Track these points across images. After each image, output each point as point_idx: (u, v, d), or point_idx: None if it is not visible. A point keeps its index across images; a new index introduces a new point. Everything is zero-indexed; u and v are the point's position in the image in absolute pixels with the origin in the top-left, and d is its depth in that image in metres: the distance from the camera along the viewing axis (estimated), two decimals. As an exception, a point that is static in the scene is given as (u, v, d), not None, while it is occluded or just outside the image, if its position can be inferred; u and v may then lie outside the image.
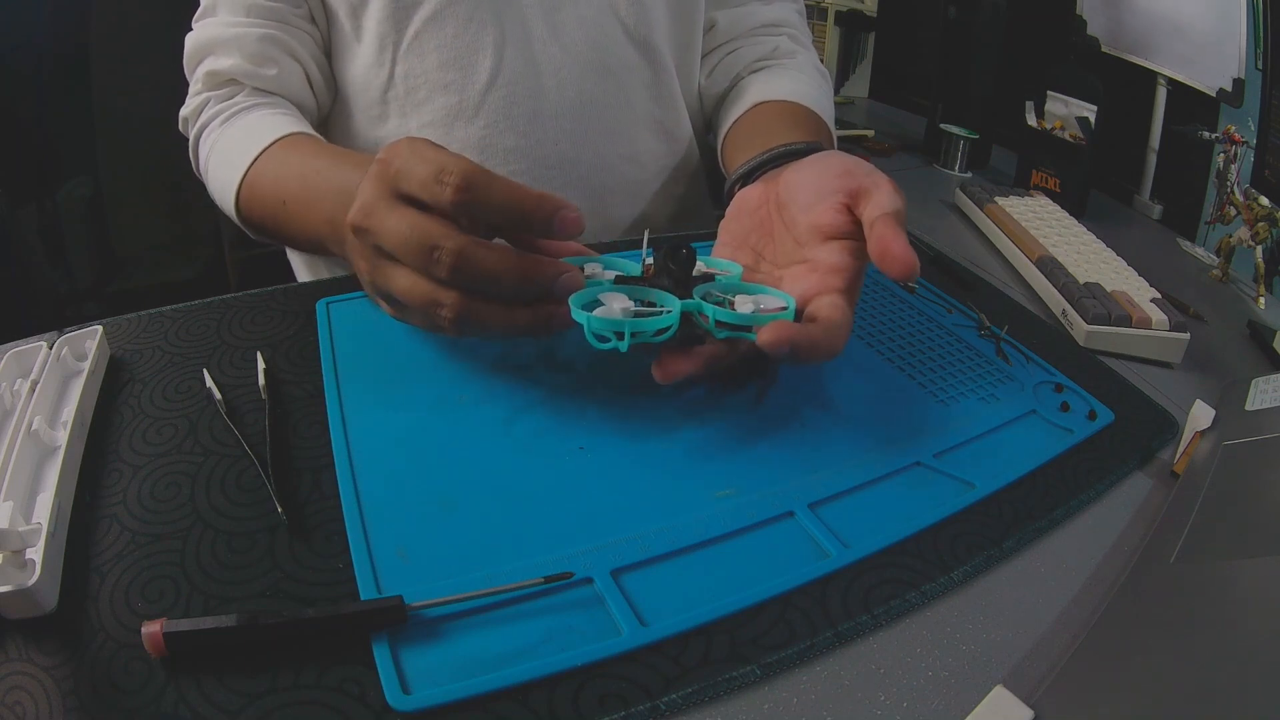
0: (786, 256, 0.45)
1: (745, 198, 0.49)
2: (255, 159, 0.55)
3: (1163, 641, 0.32)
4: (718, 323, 0.38)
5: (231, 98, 0.60)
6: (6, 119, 1.22)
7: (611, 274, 0.43)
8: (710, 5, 0.70)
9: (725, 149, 0.67)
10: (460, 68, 0.61)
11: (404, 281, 0.38)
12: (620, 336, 0.37)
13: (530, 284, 0.37)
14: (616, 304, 0.38)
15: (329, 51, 0.64)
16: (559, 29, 0.63)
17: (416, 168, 0.37)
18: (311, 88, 0.63)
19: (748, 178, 0.54)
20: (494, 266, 0.36)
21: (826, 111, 0.65)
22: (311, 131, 0.58)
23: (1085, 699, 0.30)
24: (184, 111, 0.62)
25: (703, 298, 0.40)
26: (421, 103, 0.62)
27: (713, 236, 0.50)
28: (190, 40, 0.61)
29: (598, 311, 0.38)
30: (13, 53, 1.19)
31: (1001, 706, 0.30)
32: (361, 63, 0.62)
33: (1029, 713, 0.30)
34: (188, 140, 0.63)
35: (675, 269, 0.41)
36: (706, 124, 0.76)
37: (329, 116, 0.67)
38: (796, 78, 0.68)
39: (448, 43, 0.60)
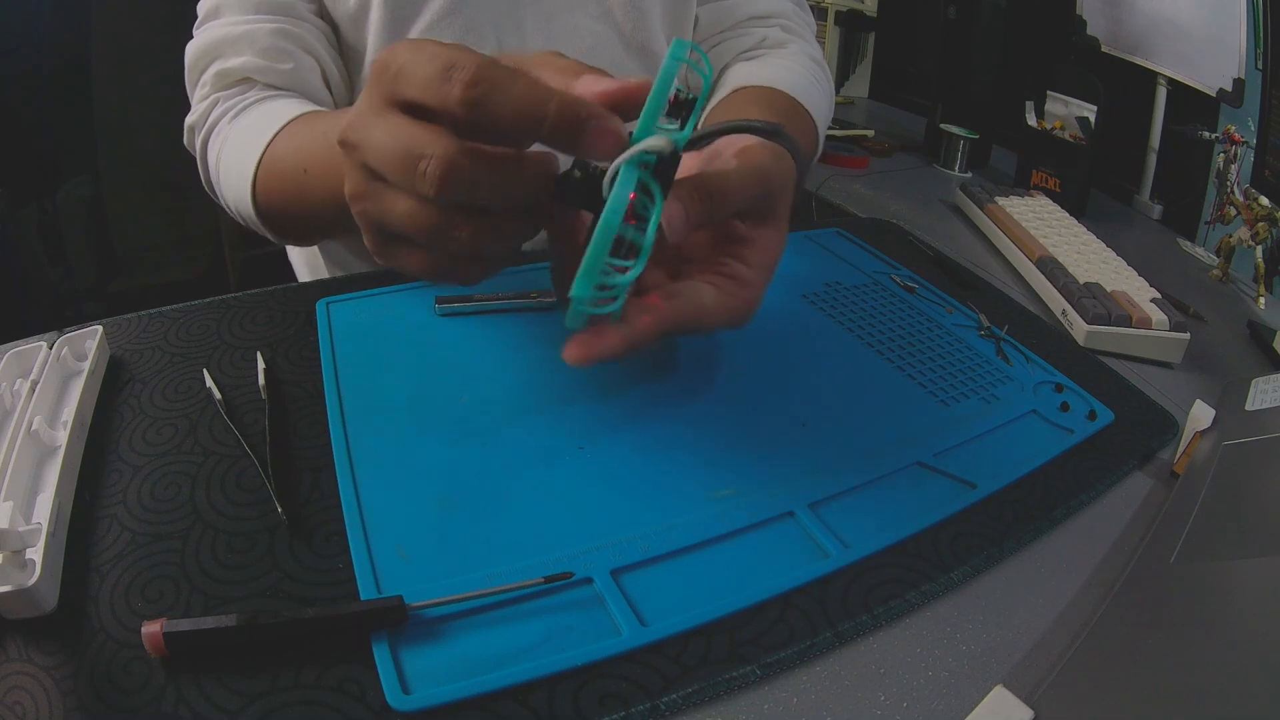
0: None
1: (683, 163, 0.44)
2: (272, 138, 0.51)
3: (1163, 641, 0.32)
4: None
5: (243, 94, 0.56)
6: (6, 119, 1.22)
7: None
8: (696, 1, 0.68)
9: None
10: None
11: (401, 206, 0.31)
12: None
13: (540, 181, 0.31)
14: None
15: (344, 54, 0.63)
16: (554, 39, 0.62)
17: (419, 66, 0.30)
18: (328, 85, 0.60)
19: (691, 145, 0.52)
20: (492, 176, 0.30)
21: (810, 96, 0.61)
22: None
23: (1085, 699, 0.30)
24: (189, 119, 0.58)
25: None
26: None
27: None
28: (192, 47, 0.58)
29: None
30: (13, 53, 1.19)
31: (1001, 706, 0.30)
32: (362, 74, 0.61)
33: (1029, 713, 0.30)
34: (194, 152, 0.59)
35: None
36: None
37: None
38: (782, 64, 0.64)
39: None
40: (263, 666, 0.29)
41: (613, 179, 0.31)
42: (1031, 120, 0.94)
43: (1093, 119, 0.88)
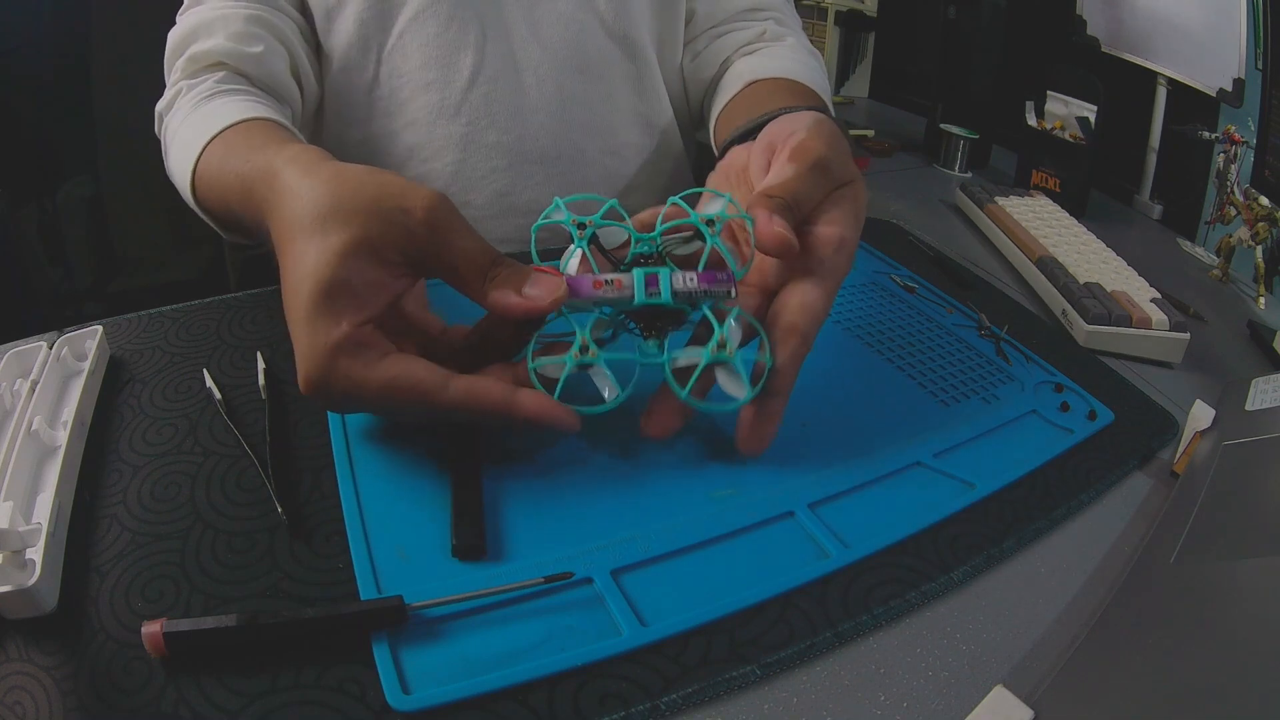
0: None
1: (735, 154, 0.47)
2: (231, 125, 0.50)
3: (1163, 641, 0.32)
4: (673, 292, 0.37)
5: (217, 74, 0.56)
6: (6, 119, 1.22)
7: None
8: None
9: (718, 128, 0.65)
10: (442, 66, 0.62)
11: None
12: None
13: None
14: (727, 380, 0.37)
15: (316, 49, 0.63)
16: (538, 26, 0.63)
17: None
18: (296, 78, 0.61)
19: (744, 138, 0.52)
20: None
21: (822, 89, 0.63)
22: (277, 117, 0.52)
23: (1085, 699, 0.30)
24: (159, 105, 0.58)
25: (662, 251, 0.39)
26: (405, 102, 0.63)
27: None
28: (173, 34, 0.59)
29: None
30: (13, 53, 1.19)
31: (1001, 706, 0.30)
32: (339, 65, 0.62)
33: (1029, 713, 0.30)
34: (160, 137, 0.58)
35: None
36: (692, 113, 0.75)
37: (311, 119, 0.66)
38: (788, 57, 0.66)
39: (430, 42, 0.61)
40: (263, 666, 0.29)
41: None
42: (1031, 120, 0.94)
43: (1093, 119, 0.88)
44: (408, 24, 0.60)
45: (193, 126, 0.52)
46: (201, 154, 0.50)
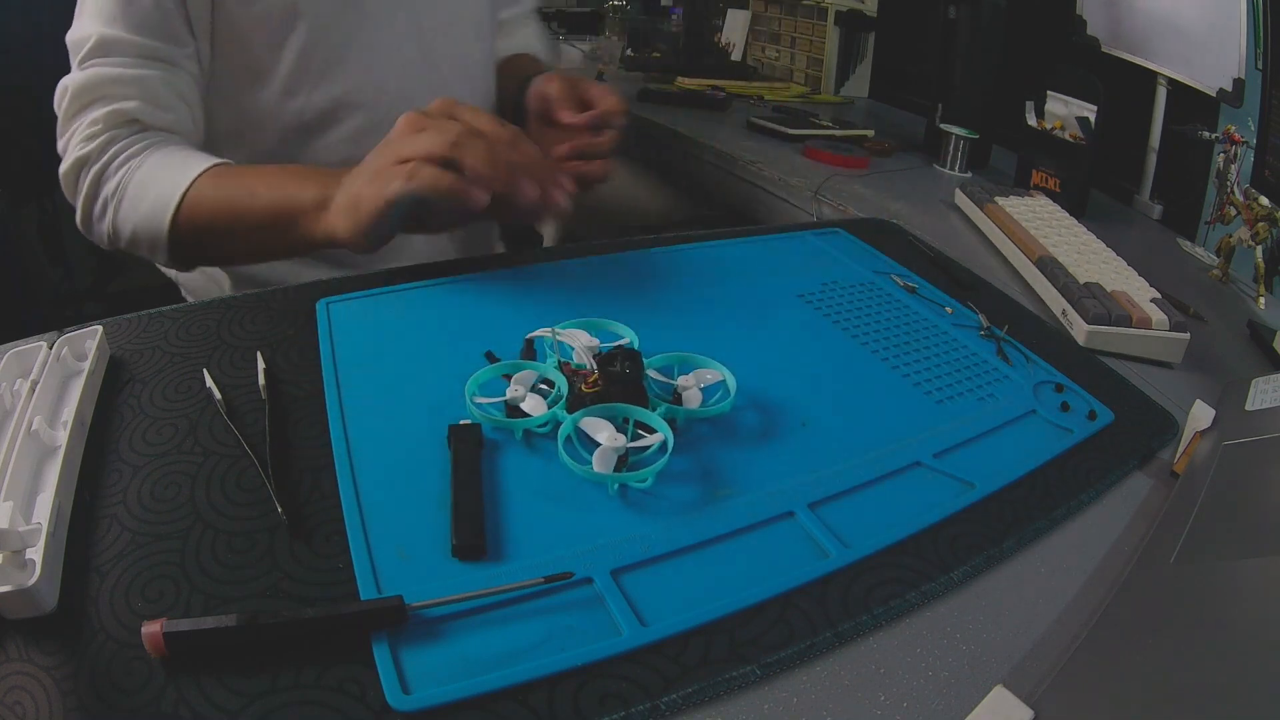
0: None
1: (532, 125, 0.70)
2: (213, 166, 0.56)
3: (1163, 641, 0.32)
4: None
5: (143, 132, 0.59)
6: (6, 119, 1.22)
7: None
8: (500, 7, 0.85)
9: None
10: (370, 90, 0.67)
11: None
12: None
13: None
14: (602, 434, 0.39)
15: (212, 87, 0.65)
16: (434, 65, 0.71)
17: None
18: (196, 129, 0.64)
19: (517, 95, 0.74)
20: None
21: (547, 58, 0.87)
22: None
23: (1085, 699, 0.30)
24: (81, 152, 0.59)
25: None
26: (339, 121, 0.66)
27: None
28: (77, 81, 0.58)
29: (598, 456, 0.38)
30: (12, 53, 1.19)
31: (1001, 706, 0.30)
32: (274, 90, 0.63)
33: (1029, 713, 0.30)
34: (78, 184, 0.60)
35: (626, 374, 0.42)
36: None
37: (233, 145, 0.67)
38: (530, 37, 0.89)
39: (359, 69, 0.66)
40: (263, 666, 0.29)
41: None
42: (1031, 120, 0.94)
43: (1093, 119, 0.88)
44: (339, 51, 0.64)
45: (177, 158, 0.58)
46: (211, 168, 0.56)
